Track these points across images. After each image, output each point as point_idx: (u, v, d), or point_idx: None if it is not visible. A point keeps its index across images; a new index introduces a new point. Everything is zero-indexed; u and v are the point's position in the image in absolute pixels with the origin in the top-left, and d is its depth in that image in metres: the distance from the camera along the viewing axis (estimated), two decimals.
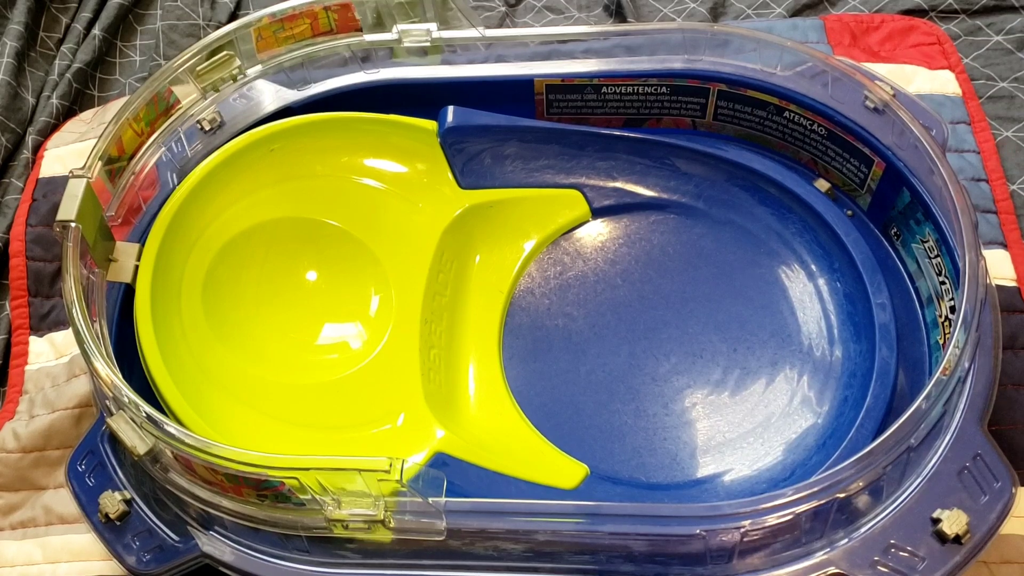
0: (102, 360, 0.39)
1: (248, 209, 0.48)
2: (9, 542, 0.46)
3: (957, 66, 0.55)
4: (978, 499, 0.37)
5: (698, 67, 0.48)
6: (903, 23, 0.57)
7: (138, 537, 0.41)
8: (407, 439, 0.44)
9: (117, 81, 0.62)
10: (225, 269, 0.47)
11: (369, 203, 0.49)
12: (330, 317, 0.48)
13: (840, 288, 0.47)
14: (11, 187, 0.57)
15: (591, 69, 0.49)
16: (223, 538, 0.40)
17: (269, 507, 0.38)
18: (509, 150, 0.50)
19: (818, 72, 0.46)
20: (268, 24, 0.48)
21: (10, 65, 0.59)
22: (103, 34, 0.62)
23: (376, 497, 0.37)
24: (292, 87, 0.50)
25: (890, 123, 0.44)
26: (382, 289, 0.48)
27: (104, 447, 0.43)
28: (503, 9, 0.62)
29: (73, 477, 0.43)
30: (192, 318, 0.45)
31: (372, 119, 0.49)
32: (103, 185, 0.44)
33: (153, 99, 0.46)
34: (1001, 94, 0.54)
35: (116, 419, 0.38)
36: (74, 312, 0.40)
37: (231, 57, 0.48)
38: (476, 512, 0.37)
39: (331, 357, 0.47)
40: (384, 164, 0.50)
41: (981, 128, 0.53)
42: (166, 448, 0.37)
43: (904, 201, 0.46)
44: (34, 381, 0.50)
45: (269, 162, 0.48)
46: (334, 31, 0.49)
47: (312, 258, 0.49)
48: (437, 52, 0.50)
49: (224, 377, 0.45)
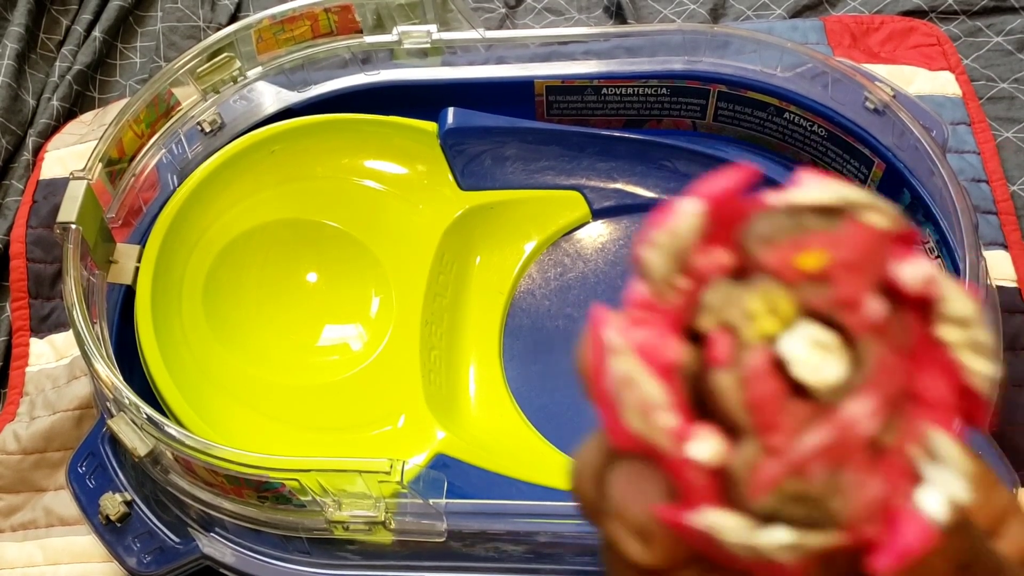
0: (103, 362, 0.39)
1: (249, 211, 0.48)
2: (10, 544, 0.46)
3: (957, 67, 0.54)
4: None
5: (698, 68, 0.48)
6: (903, 24, 0.56)
7: (139, 539, 0.41)
8: (407, 440, 0.44)
9: (117, 83, 0.62)
10: (225, 271, 0.47)
11: (369, 204, 0.49)
12: (330, 318, 0.48)
13: None
14: (11, 189, 0.57)
15: (591, 70, 0.49)
16: (224, 540, 0.40)
17: (270, 509, 0.38)
18: (509, 151, 0.50)
19: (818, 73, 0.46)
20: (268, 26, 0.48)
21: (10, 67, 0.59)
22: (103, 36, 0.62)
23: (377, 498, 0.37)
24: (292, 89, 0.50)
25: (890, 124, 0.44)
26: (382, 290, 0.48)
27: (105, 449, 0.43)
28: (503, 11, 0.62)
29: (74, 479, 0.43)
30: (192, 319, 0.45)
31: (372, 121, 0.49)
32: (103, 187, 0.44)
33: (153, 101, 0.46)
34: (1001, 95, 0.54)
35: (117, 421, 0.38)
36: (74, 314, 0.40)
37: (231, 59, 0.48)
38: (477, 513, 0.37)
39: (331, 358, 0.47)
40: (384, 165, 0.50)
41: (981, 129, 0.53)
42: (167, 450, 0.37)
43: (904, 202, 0.46)
44: (35, 383, 0.50)
45: (269, 164, 0.48)
46: (334, 33, 0.49)
47: (313, 259, 0.49)
48: (437, 54, 0.50)
49: (225, 378, 0.45)
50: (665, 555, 0.15)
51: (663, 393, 0.14)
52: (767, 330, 0.14)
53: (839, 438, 0.14)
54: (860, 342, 0.14)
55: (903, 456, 0.14)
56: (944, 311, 0.15)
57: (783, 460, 0.14)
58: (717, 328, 0.15)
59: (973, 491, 0.14)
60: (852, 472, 0.14)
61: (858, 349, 0.14)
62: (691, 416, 0.14)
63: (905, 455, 0.14)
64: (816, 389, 0.14)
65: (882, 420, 0.14)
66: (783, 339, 0.14)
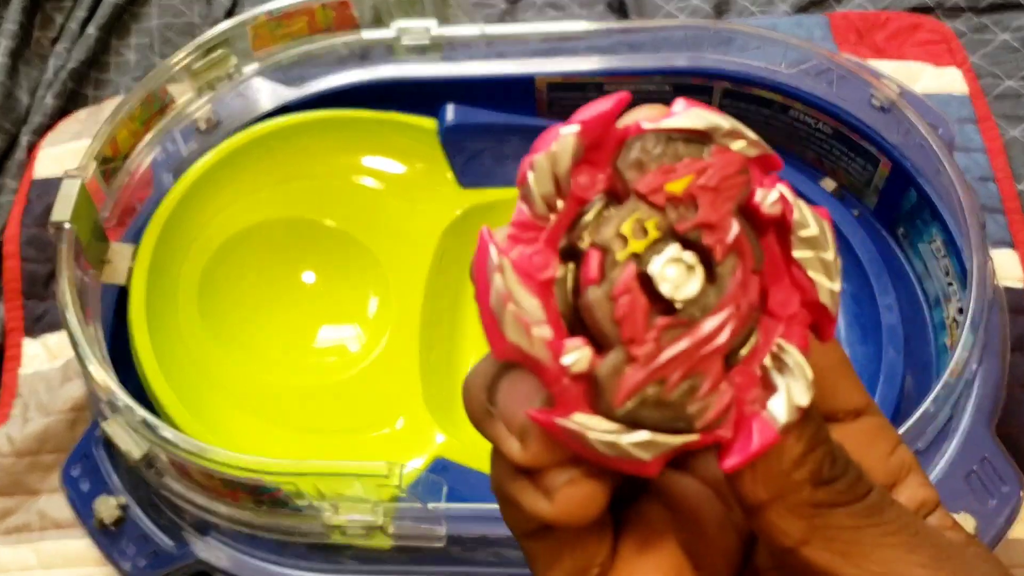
0: (96, 363, 0.38)
1: (244, 209, 0.47)
2: (3, 548, 0.46)
3: (964, 64, 0.54)
4: (986, 503, 0.37)
5: (702, 65, 0.48)
6: (909, 20, 0.56)
7: (133, 543, 0.41)
8: (406, 443, 0.43)
9: (112, 80, 0.62)
10: (221, 271, 0.46)
11: (368, 203, 0.49)
12: (328, 319, 0.47)
13: (846, 289, 0.46)
14: (5, 187, 0.56)
15: (593, 67, 0.49)
16: (220, 544, 0.40)
17: (266, 513, 0.37)
18: (510, 149, 0.50)
19: (823, 70, 0.46)
20: (265, 21, 0.48)
21: (4, 64, 0.59)
22: (98, 33, 0.61)
23: (375, 503, 0.36)
24: (289, 85, 0.50)
25: (896, 122, 0.44)
26: (381, 291, 0.48)
27: (99, 452, 0.42)
28: (503, 6, 0.61)
29: (68, 482, 0.43)
30: (188, 320, 0.45)
31: (370, 118, 0.48)
32: (97, 185, 0.44)
33: (148, 98, 0.46)
34: (1008, 92, 0.54)
35: (111, 423, 0.38)
36: (68, 315, 0.39)
37: (227, 55, 0.48)
38: (477, 518, 0.37)
39: (329, 360, 0.47)
40: (383, 163, 0.49)
41: (988, 127, 0.52)
42: (161, 453, 0.37)
43: (911, 201, 0.45)
44: (28, 385, 0.50)
45: (266, 162, 0.48)
46: (332, 28, 0.49)
47: (310, 259, 0.48)
48: (437, 50, 0.49)
49: (220, 380, 0.44)
50: (539, 455, 0.17)
51: (538, 307, 0.16)
52: (635, 250, 0.16)
53: (696, 349, 0.16)
54: (720, 262, 0.16)
55: (756, 366, 0.16)
56: (797, 233, 0.16)
57: (644, 369, 0.15)
58: (591, 247, 0.16)
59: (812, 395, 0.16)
60: (708, 380, 0.16)
61: (718, 268, 0.16)
62: (567, 329, 0.16)
63: (758, 365, 0.16)
64: (678, 304, 0.16)
65: (736, 333, 0.16)
66: (650, 258, 0.16)
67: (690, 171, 0.16)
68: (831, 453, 0.17)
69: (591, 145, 0.16)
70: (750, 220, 0.16)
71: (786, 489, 0.16)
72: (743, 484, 0.16)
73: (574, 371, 0.15)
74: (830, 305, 0.16)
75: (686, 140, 0.16)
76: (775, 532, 0.17)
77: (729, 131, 0.16)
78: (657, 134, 0.16)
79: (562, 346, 0.16)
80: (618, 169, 0.16)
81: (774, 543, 0.17)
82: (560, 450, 0.16)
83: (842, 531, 0.17)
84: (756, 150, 0.16)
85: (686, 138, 0.16)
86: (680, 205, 0.16)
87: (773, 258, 0.16)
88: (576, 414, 0.16)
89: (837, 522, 0.17)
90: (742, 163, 0.16)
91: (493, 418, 0.17)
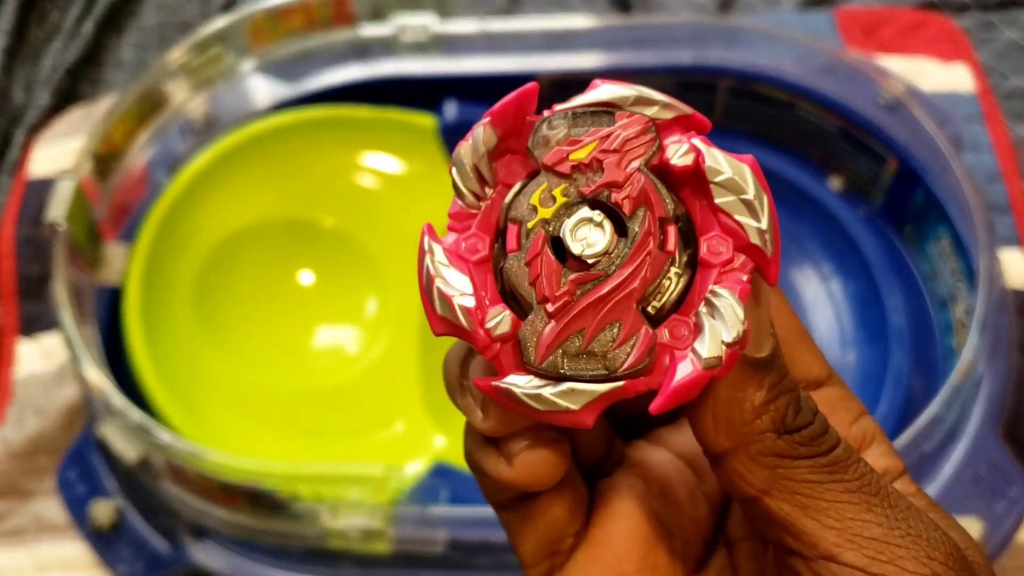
0: (92, 365, 0.38)
1: (241, 209, 0.47)
2: None
3: (971, 61, 0.54)
4: (993, 506, 0.37)
5: (706, 62, 0.47)
6: (916, 17, 0.55)
7: (129, 546, 0.41)
8: (406, 447, 0.43)
9: (108, 78, 0.61)
10: (217, 271, 0.46)
11: (366, 202, 0.48)
12: (326, 320, 0.47)
13: (853, 290, 0.46)
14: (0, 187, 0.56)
15: (596, 63, 0.48)
16: (216, 548, 0.39)
17: (263, 517, 0.37)
18: None
19: (830, 67, 0.45)
20: (262, 17, 0.47)
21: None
22: (94, 30, 0.61)
23: (373, 507, 0.36)
24: (286, 82, 0.49)
25: (903, 120, 0.44)
26: (379, 292, 0.47)
27: (94, 455, 0.42)
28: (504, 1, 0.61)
29: (63, 485, 0.42)
30: (184, 322, 0.45)
31: (369, 115, 0.48)
32: (93, 184, 0.43)
33: (144, 96, 0.45)
34: (1016, 90, 0.53)
35: (106, 426, 0.38)
36: (63, 316, 0.39)
37: (223, 52, 0.47)
38: (478, 523, 0.36)
39: (327, 362, 0.46)
40: (382, 161, 0.49)
41: (995, 125, 0.52)
42: (157, 456, 0.37)
43: (918, 200, 0.45)
44: (23, 387, 0.49)
45: (263, 160, 0.47)
46: (329, 24, 0.48)
47: (307, 259, 0.48)
48: (436, 45, 0.49)
49: (217, 383, 0.44)
50: (498, 423, 0.18)
51: (465, 282, 0.17)
52: (544, 216, 0.17)
53: (608, 298, 0.17)
54: (630, 216, 0.17)
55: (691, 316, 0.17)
56: (713, 179, 0.17)
57: (560, 323, 0.17)
58: (508, 223, 0.17)
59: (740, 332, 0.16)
60: (624, 327, 0.17)
61: (629, 223, 0.17)
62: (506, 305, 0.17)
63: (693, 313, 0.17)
64: (590, 260, 0.17)
65: (649, 280, 0.17)
66: (562, 223, 0.17)
67: (594, 139, 0.17)
68: (796, 403, 0.17)
69: (507, 134, 0.17)
70: (667, 177, 0.17)
71: (749, 437, 0.17)
72: (706, 432, 0.17)
73: (497, 334, 0.17)
74: (761, 244, 0.16)
75: (593, 113, 0.17)
76: (738, 480, 0.17)
77: (637, 99, 0.17)
78: (564, 113, 0.17)
79: (484, 313, 0.17)
80: (529, 150, 0.17)
81: (737, 492, 0.17)
82: (519, 419, 0.18)
83: (803, 484, 0.17)
84: (671, 112, 0.17)
85: (593, 111, 0.17)
86: (587, 171, 0.17)
87: (700, 209, 0.17)
88: (509, 376, 0.17)
89: (799, 475, 0.17)
90: (646, 124, 0.17)
91: (464, 391, 0.18)
